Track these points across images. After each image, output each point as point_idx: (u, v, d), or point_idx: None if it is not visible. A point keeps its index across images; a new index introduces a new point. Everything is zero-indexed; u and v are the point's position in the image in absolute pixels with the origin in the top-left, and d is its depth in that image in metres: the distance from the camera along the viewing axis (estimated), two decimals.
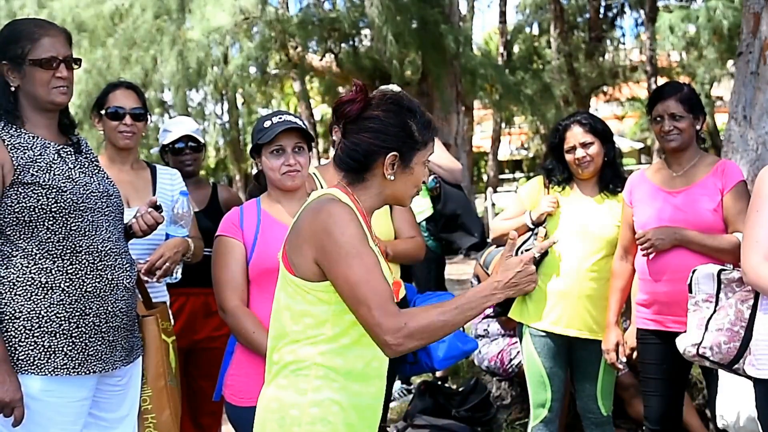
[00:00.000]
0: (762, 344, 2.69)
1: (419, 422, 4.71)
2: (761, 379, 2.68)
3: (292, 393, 2.20)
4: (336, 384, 2.18)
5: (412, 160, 2.23)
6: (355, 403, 2.21)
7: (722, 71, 17.07)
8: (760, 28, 5.27)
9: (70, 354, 2.58)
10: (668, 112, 3.46)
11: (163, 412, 2.97)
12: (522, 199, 3.91)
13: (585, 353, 3.71)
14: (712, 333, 2.92)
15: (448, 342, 3.60)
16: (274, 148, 3.00)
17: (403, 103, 2.25)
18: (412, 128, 2.22)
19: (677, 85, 3.70)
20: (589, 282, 3.66)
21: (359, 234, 2.11)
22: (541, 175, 3.90)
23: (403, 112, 2.23)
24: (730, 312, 2.89)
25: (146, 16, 12.59)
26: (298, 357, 2.20)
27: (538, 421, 3.75)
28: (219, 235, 3.00)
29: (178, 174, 3.73)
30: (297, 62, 13.80)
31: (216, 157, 23.67)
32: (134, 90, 3.60)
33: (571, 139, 3.69)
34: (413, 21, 11.79)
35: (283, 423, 2.19)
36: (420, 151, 2.23)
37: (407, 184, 2.26)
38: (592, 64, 19.50)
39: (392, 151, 2.19)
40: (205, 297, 3.87)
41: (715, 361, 2.93)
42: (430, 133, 2.26)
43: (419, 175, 2.26)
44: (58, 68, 2.65)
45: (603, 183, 3.75)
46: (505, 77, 14.01)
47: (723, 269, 2.99)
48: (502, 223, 3.97)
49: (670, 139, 3.48)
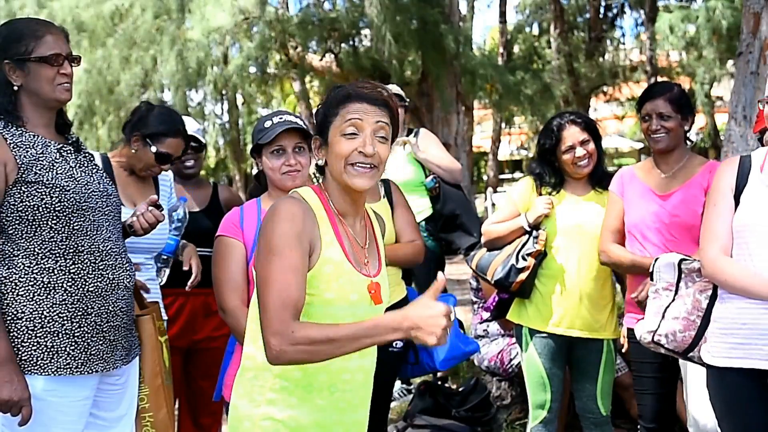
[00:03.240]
0: (717, 332, 2.76)
1: (419, 422, 4.72)
2: (715, 366, 2.74)
3: (246, 403, 2.16)
4: (293, 399, 2.12)
5: (329, 135, 2.16)
6: (318, 420, 2.15)
7: (722, 71, 17.07)
8: (760, 28, 5.28)
9: (72, 354, 2.58)
10: (656, 111, 3.46)
11: (160, 411, 2.97)
12: (515, 201, 3.85)
13: (585, 353, 3.70)
14: (668, 321, 2.98)
15: (450, 343, 3.59)
16: (274, 148, 3.00)
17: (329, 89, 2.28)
18: (325, 106, 2.20)
19: (668, 84, 3.69)
20: (589, 281, 3.65)
21: (291, 233, 2.04)
22: (530, 177, 3.85)
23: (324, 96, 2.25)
24: (687, 301, 2.95)
25: (146, 16, 12.60)
26: (256, 364, 2.15)
27: (537, 421, 3.75)
28: (219, 235, 3.00)
29: (170, 177, 3.74)
30: (297, 62, 13.80)
31: (216, 157, 23.64)
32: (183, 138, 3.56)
33: (568, 139, 3.66)
34: (413, 21, 11.79)
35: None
36: (332, 123, 2.16)
37: (333, 161, 2.16)
38: (592, 64, 19.51)
39: (314, 135, 2.23)
40: (204, 297, 3.87)
41: (670, 348, 2.98)
42: (339, 100, 2.16)
43: (339, 146, 2.14)
44: (63, 65, 2.67)
45: (593, 180, 3.75)
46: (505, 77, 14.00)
47: (684, 259, 3.03)
48: (495, 226, 3.86)
49: (657, 139, 3.48)
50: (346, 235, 2.20)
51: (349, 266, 2.15)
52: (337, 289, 2.11)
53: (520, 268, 3.64)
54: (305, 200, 2.16)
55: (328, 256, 2.11)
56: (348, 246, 2.18)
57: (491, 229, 3.87)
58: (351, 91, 2.17)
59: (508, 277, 3.67)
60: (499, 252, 3.78)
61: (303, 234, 2.06)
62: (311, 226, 2.10)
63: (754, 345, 2.63)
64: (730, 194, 2.75)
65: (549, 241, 3.67)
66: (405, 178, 4.75)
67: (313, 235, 2.10)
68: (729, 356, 2.69)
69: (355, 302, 2.15)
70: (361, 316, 2.14)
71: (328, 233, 2.14)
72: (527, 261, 3.63)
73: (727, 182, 2.78)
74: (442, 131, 12.02)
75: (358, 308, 2.15)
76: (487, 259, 3.82)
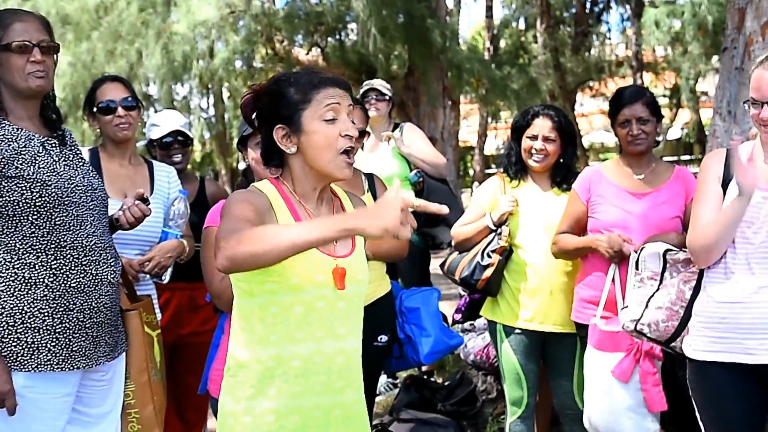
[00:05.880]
0: (699, 326, 2.79)
1: (405, 416, 4.72)
2: (696, 360, 2.77)
3: (230, 400, 2.17)
4: (272, 390, 2.12)
5: (302, 123, 2.12)
6: (296, 405, 2.14)
7: (707, 66, 17.15)
8: (744, 23, 5.30)
9: (53, 350, 2.55)
10: (636, 116, 3.50)
11: (146, 407, 2.95)
12: (479, 203, 3.89)
13: (560, 349, 3.72)
14: (651, 310, 3.01)
15: (434, 337, 3.61)
16: (258, 140, 2.99)
17: (279, 77, 2.19)
18: (288, 93, 2.13)
19: (639, 88, 3.77)
20: (559, 276, 3.68)
21: (244, 213, 2.04)
22: (497, 176, 3.91)
23: (277, 84, 2.17)
24: (671, 291, 2.98)
25: (131, 9, 12.51)
26: (237, 361, 2.16)
27: (515, 417, 3.77)
28: (208, 226, 2.99)
29: (174, 171, 3.72)
30: (283, 56, 13.74)
31: (202, 151, 23.57)
32: (121, 81, 3.60)
33: (536, 128, 3.72)
34: (399, 15, 11.76)
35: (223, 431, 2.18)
36: (306, 110, 2.12)
37: (318, 149, 2.12)
38: (578, 59, 19.53)
39: (276, 125, 2.15)
40: (190, 292, 3.86)
41: (652, 338, 3.03)
42: (312, 86, 2.13)
43: (326, 133, 2.11)
44: (32, 53, 2.61)
45: (554, 179, 3.79)
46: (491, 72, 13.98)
47: (669, 249, 3.07)
48: (462, 228, 3.91)
49: (638, 143, 3.51)
50: (307, 217, 2.18)
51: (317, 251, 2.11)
52: (302, 273, 2.10)
53: (485, 266, 3.68)
54: (260, 190, 2.17)
55: None
56: None
57: (459, 231, 3.92)
58: (321, 77, 2.15)
59: (473, 275, 3.71)
60: (467, 253, 3.82)
61: (257, 214, 2.06)
62: (266, 210, 2.11)
63: (733, 339, 2.67)
64: (718, 183, 2.78)
65: (515, 238, 3.70)
66: (389, 172, 4.75)
67: (270, 218, 2.10)
68: (710, 350, 2.73)
69: (322, 283, 2.12)
70: (328, 300, 2.14)
71: (286, 218, 2.14)
72: (492, 258, 3.67)
73: (714, 172, 2.81)
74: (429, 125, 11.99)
75: (323, 290, 2.13)
76: (456, 261, 3.86)
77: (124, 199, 3.10)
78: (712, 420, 2.78)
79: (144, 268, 3.29)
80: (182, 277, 3.68)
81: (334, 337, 2.16)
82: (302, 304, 2.11)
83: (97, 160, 3.46)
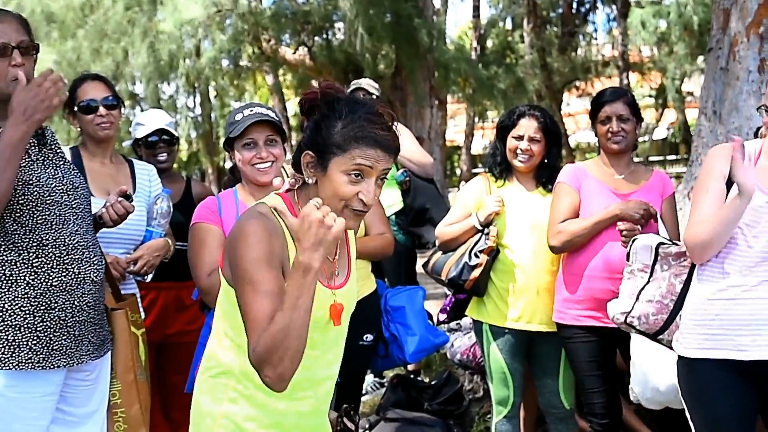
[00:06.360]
0: (690, 323, 2.78)
1: (392, 415, 4.72)
2: (686, 356, 2.77)
3: (209, 400, 2.14)
4: (257, 399, 2.10)
5: (329, 166, 2.01)
6: (278, 422, 2.13)
7: (693, 67, 17.21)
8: (729, 24, 5.33)
9: (34, 348, 2.53)
10: (617, 113, 3.53)
11: (132, 407, 2.94)
12: (465, 203, 3.87)
13: (545, 348, 3.73)
14: (642, 303, 3.04)
15: (420, 335, 3.61)
16: (245, 141, 2.98)
17: (340, 101, 2.06)
18: (332, 128, 2.02)
19: (620, 89, 3.83)
20: (545, 275, 3.69)
21: (261, 257, 1.96)
22: (482, 176, 3.91)
23: (332, 110, 2.05)
24: (662, 285, 3.00)
25: (117, 8, 12.46)
26: (220, 362, 2.13)
27: (501, 416, 3.78)
28: (196, 222, 2.97)
29: (154, 170, 3.71)
30: (270, 55, 13.73)
31: (188, 151, 23.51)
32: (101, 80, 3.58)
33: (521, 128, 3.71)
34: (387, 14, 11.77)
35: (198, 430, 2.16)
36: (337, 157, 2.00)
37: (329, 194, 2.02)
38: (564, 59, 19.60)
39: (307, 150, 2.05)
40: (177, 291, 3.85)
41: (642, 330, 3.05)
42: (355, 138, 2.00)
43: (341, 186, 2.01)
44: (12, 55, 2.58)
45: (539, 179, 3.79)
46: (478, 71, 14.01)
47: (662, 243, 3.08)
48: (447, 228, 3.87)
49: (617, 141, 3.54)
50: None
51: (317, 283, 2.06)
52: None
53: (473, 266, 3.67)
54: (273, 213, 2.07)
55: None
56: None
57: (444, 231, 3.89)
58: (369, 134, 2.00)
59: (461, 275, 3.69)
60: (453, 253, 3.80)
61: (273, 255, 1.99)
62: (280, 245, 2.03)
63: (726, 336, 2.66)
64: (722, 181, 2.75)
65: (501, 238, 3.70)
66: None
67: (283, 253, 2.04)
68: (701, 347, 2.72)
69: (319, 318, 2.09)
70: (322, 331, 2.12)
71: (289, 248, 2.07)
72: (480, 258, 3.66)
73: (719, 169, 2.76)
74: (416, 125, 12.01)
75: (319, 323, 2.10)
76: (441, 261, 3.84)
77: (107, 197, 3.09)
78: (702, 417, 2.78)
79: (133, 267, 3.28)
80: (169, 277, 3.67)
81: (324, 365, 2.16)
82: None
83: (79, 159, 3.44)
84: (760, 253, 2.64)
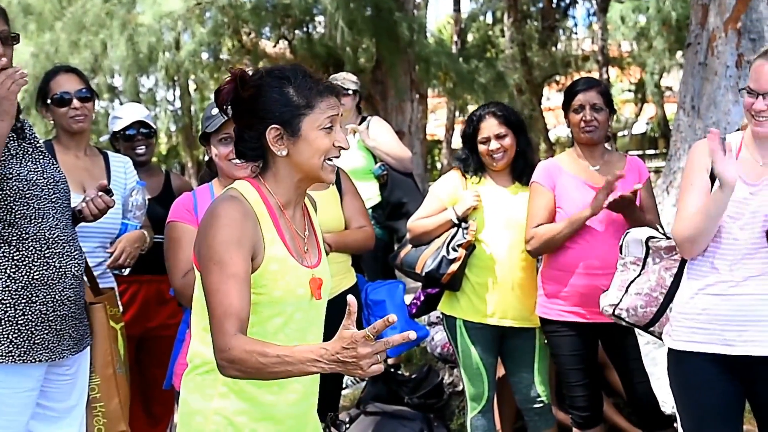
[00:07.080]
0: (679, 316, 2.81)
1: (372, 409, 4.72)
2: (674, 349, 2.80)
3: (198, 398, 2.13)
4: (247, 393, 2.10)
5: (301, 127, 2.07)
6: (270, 413, 2.14)
7: (671, 62, 17.31)
8: (708, 19, 5.37)
9: (15, 342, 2.52)
10: (590, 102, 3.52)
11: (111, 401, 2.93)
12: (439, 196, 3.83)
13: (519, 342, 3.73)
14: (630, 296, 3.06)
15: (400, 329, 3.60)
16: (222, 136, 2.97)
17: (274, 73, 2.11)
18: (289, 94, 2.07)
19: (593, 79, 3.83)
20: (519, 271, 3.69)
21: (231, 239, 1.99)
22: (456, 170, 3.87)
23: (275, 82, 2.09)
24: (652, 278, 3.02)
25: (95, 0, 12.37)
26: (206, 359, 2.12)
27: (476, 412, 3.77)
28: (172, 221, 2.95)
29: (130, 162, 3.69)
30: (250, 48, 13.67)
31: (168, 144, 23.37)
32: (75, 72, 3.54)
33: (485, 131, 3.69)
34: (367, 8, 11.74)
35: (189, 429, 2.14)
36: (307, 115, 2.07)
37: (308, 154, 2.08)
38: (545, 54, 19.65)
39: (271, 125, 2.08)
40: (158, 284, 3.84)
41: (630, 322, 3.08)
42: (317, 93, 2.09)
43: (320, 141, 2.08)
44: None
45: (515, 173, 3.78)
46: (459, 66, 14.00)
47: (652, 236, 3.10)
48: (422, 221, 3.83)
49: (589, 130, 3.53)
50: (288, 228, 2.16)
51: (293, 261, 2.12)
52: (285, 287, 2.09)
53: (452, 259, 3.64)
54: (244, 197, 2.09)
55: (272, 254, 2.07)
56: (290, 239, 2.14)
57: (418, 224, 3.84)
58: (325, 85, 2.12)
59: (439, 269, 3.66)
60: (426, 246, 3.78)
61: (244, 238, 2.01)
62: (252, 227, 2.05)
63: (712, 330, 2.69)
64: (706, 175, 2.77)
65: (478, 233, 3.69)
66: (354, 165, 4.76)
67: (256, 236, 2.05)
68: (689, 340, 2.75)
69: (302, 296, 2.12)
70: (304, 311, 2.14)
71: (270, 231, 2.10)
72: (458, 252, 3.64)
73: (702, 163, 2.78)
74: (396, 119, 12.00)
75: (302, 302, 2.13)
76: (414, 255, 3.80)
77: (87, 191, 3.06)
78: (687, 409, 2.81)
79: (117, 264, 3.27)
80: (149, 270, 3.65)
81: None
82: (282, 316, 2.11)
83: (53, 153, 3.41)
84: (746, 246, 2.67)
